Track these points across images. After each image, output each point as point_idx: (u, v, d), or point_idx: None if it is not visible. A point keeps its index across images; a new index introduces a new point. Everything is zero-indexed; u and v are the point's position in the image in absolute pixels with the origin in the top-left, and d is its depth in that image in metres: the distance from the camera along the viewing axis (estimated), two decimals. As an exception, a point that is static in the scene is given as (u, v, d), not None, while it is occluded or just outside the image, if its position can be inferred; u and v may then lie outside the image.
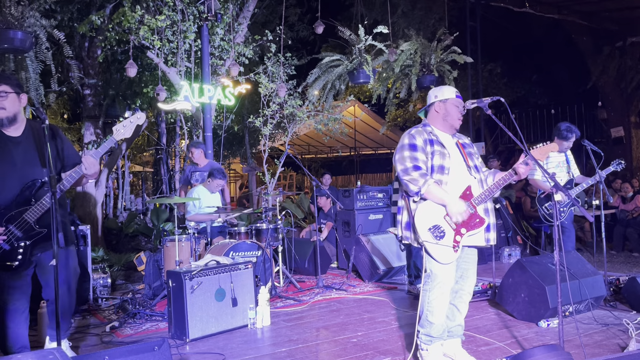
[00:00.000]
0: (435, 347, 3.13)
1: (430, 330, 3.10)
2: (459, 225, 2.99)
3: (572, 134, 5.18)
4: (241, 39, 7.91)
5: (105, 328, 4.32)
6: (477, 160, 3.26)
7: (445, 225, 3.00)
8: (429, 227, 2.99)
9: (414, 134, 3.16)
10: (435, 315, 3.07)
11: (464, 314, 3.25)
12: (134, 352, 2.46)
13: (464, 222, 3.00)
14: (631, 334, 3.51)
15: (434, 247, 2.98)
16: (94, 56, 8.07)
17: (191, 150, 6.38)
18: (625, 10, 11.25)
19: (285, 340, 3.88)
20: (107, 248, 7.75)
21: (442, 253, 2.99)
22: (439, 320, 3.08)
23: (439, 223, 3.00)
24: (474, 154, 3.27)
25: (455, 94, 3.22)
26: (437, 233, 2.98)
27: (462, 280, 3.19)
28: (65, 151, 3.19)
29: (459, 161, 3.14)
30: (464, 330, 3.29)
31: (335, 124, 9.50)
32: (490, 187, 3.04)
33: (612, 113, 12.99)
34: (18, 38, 5.15)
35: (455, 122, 3.19)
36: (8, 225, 2.93)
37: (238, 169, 17.58)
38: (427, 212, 3.01)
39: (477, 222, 3.03)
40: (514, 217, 8.05)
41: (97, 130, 8.38)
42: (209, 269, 4.11)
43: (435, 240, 2.98)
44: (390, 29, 8.15)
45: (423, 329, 3.13)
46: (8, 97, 2.98)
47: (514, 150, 14.74)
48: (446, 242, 2.98)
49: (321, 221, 7.53)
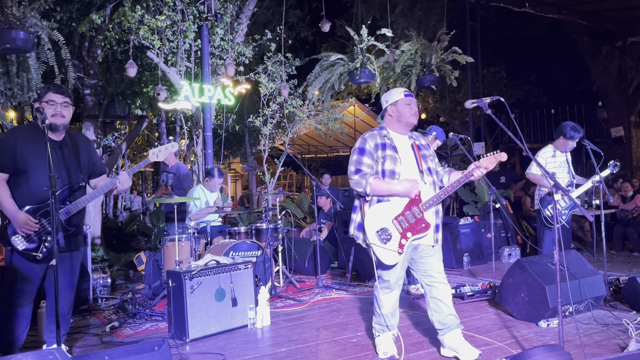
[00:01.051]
0: (386, 336, 3.41)
1: (380, 320, 3.40)
2: (405, 230, 3.12)
3: (578, 133, 5.02)
4: (241, 39, 7.90)
5: (105, 328, 4.32)
6: (432, 162, 3.35)
7: (393, 229, 3.14)
8: (377, 229, 3.14)
9: (367, 137, 3.29)
10: (384, 307, 3.34)
11: (449, 303, 3.30)
12: (134, 352, 2.46)
13: (410, 226, 3.12)
14: (631, 334, 3.51)
15: (380, 250, 3.13)
16: (94, 56, 8.06)
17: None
18: (625, 10, 11.25)
19: (285, 341, 3.88)
20: (107, 248, 7.76)
21: (387, 256, 3.13)
22: (388, 311, 3.34)
23: (386, 226, 3.14)
24: (429, 156, 3.35)
25: (404, 94, 3.31)
26: (384, 236, 3.13)
27: (430, 273, 3.29)
28: (94, 160, 3.47)
29: (411, 165, 3.24)
30: (459, 321, 3.31)
31: (336, 124, 9.50)
32: (439, 194, 3.15)
33: (612, 113, 13.00)
34: (20, 38, 5.14)
35: (410, 120, 3.28)
36: (41, 219, 3.13)
37: (238, 168, 17.59)
38: (376, 215, 3.16)
39: (423, 227, 3.14)
40: (514, 217, 8.05)
41: (97, 130, 8.37)
42: (209, 268, 4.11)
43: (381, 243, 3.13)
44: (391, 29, 8.14)
45: (375, 318, 3.44)
46: (69, 107, 3.28)
47: (514, 149, 14.73)
48: (391, 246, 3.12)
49: (321, 221, 7.53)
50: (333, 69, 8.44)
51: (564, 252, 4.00)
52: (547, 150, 5.17)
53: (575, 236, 8.39)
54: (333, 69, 8.44)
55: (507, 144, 15.25)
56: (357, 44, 7.88)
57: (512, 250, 7.20)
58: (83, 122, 8.41)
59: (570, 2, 11.16)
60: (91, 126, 8.32)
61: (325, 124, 9.40)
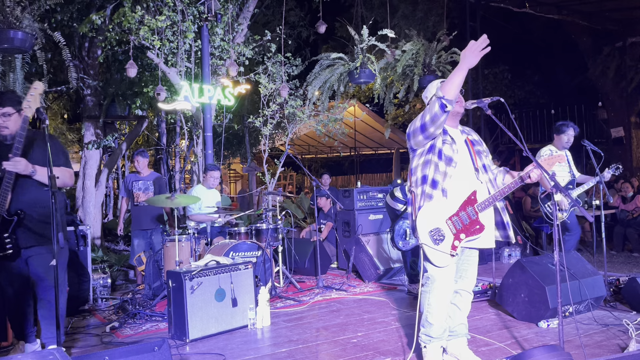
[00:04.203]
0: (434, 347, 3.12)
1: (429, 331, 3.10)
2: (459, 231, 2.99)
3: (567, 127, 5.20)
4: (241, 39, 7.91)
5: (105, 328, 4.32)
6: (487, 158, 3.20)
7: (446, 229, 2.99)
8: (430, 229, 2.99)
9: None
10: (435, 316, 3.06)
11: (465, 313, 3.25)
12: (134, 353, 2.46)
13: (464, 227, 2.99)
14: (631, 334, 3.51)
15: (432, 251, 2.99)
16: (94, 56, 8.08)
17: (137, 158, 6.16)
18: (625, 10, 11.25)
19: (285, 341, 3.88)
20: (107, 248, 7.76)
21: (439, 257, 2.99)
22: (439, 321, 3.07)
23: (440, 226, 2.99)
24: (483, 152, 3.21)
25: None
26: (437, 237, 2.98)
27: (461, 281, 3.19)
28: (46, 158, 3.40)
29: (466, 161, 3.08)
30: (467, 330, 3.28)
31: (336, 125, 9.50)
32: (495, 195, 3.00)
33: (612, 113, 12.99)
34: (18, 38, 5.15)
35: (456, 108, 3.08)
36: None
37: (238, 169, 17.58)
38: (430, 214, 3.00)
39: (477, 228, 3.01)
40: (514, 217, 8.04)
41: (97, 131, 8.37)
42: (209, 269, 4.11)
43: (433, 244, 2.98)
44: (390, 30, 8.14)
45: (423, 329, 3.14)
46: (12, 116, 3.19)
47: (514, 150, 14.72)
48: (444, 248, 2.98)
49: (321, 221, 7.53)
50: (333, 69, 8.44)
51: (564, 252, 4.00)
52: (545, 151, 5.33)
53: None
54: (333, 68, 8.44)
55: (507, 145, 15.24)
56: (358, 44, 7.88)
57: (512, 250, 7.19)
58: (83, 123, 8.42)
59: (570, 2, 11.15)
60: (91, 126, 8.32)
61: (325, 125, 9.40)
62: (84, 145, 8.33)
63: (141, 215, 6.09)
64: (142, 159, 6.17)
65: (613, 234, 8.03)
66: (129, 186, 6.17)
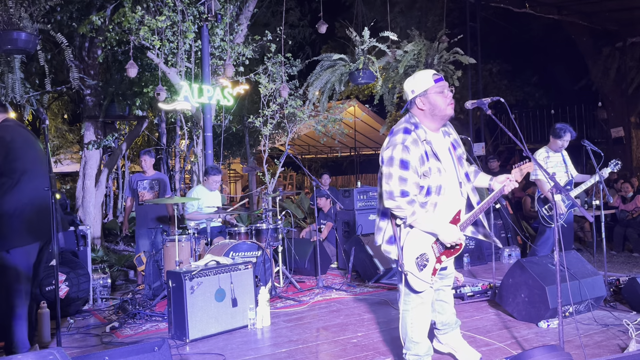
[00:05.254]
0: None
1: (416, 350, 2.93)
2: (442, 253, 2.87)
3: (565, 132, 5.23)
4: (241, 40, 7.91)
5: (105, 328, 4.32)
6: (464, 160, 3.02)
7: (430, 253, 2.85)
8: (416, 256, 2.81)
9: (408, 145, 2.70)
10: (419, 334, 2.92)
11: (452, 303, 3.27)
12: (134, 353, 2.46)
13: (446, 249, 2.87)
14: (631, 334, 3.51)
15: (414, 278, 2.82)
16: (94, 56, 8.08)
17: (143, 157, 6.18)
18: (625, 11, 11.25)
19: (285, 341, 3.88)
20: (107, 248, 7.76)
21: (419, 284, 2.84)
22: (423, 338, 2.95)
23: (425, 251, 2.84)
24: (462, 155, 3.01)
25: (433, 79, 2.76)
26: (422, 262, 2.82)
27: (441, 280, 3.14)
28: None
29: (452, 176, 2.88)
30: (460, 325, 3.30)
31: (335, 125, 9.50)
32: (476, 212, 2.89)
33: (612, 113, 13.00)
34: (22, 39, 5.17)
35: (447, 112, 2.78)
36: None
37: (238, 169, 17.57)
38: (417, 240, 2.82)
39: (457, 248, 2.90)
40: (514, 217, 8.04)
41: (97, 131, 8.38)
42: (209, 269, 4.11)
43: (418, 271, 2.81)
44: (391, 30, 8.15)
45: (410, 351, 2.95)
46: None
47: (514, 150, 14.73)
48: (425, 275, 2.82)
49: (321, 221, 7.53)
50: (334, 69, 8.44)
51: (564, 252, 4.00)
52: (541, 152, 5.38)
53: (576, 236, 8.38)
54: (334, 69, 8.44)
55: (507, 145, 15.26)
56: (358, 45, 7.88)
57: (512, 250, 7.19)
58: (83, 123, 8.43)
59: (570, 3, 11.16)
60: (91, 126, 8.33)
61: (324, 125, 9.40)
62: (84, 145, 8.33)
63: (146, 215, 6.11)
64: (149, 158, 6.21)
65: (613, 234, 8.03)
66: (134, 185, 6.19)
